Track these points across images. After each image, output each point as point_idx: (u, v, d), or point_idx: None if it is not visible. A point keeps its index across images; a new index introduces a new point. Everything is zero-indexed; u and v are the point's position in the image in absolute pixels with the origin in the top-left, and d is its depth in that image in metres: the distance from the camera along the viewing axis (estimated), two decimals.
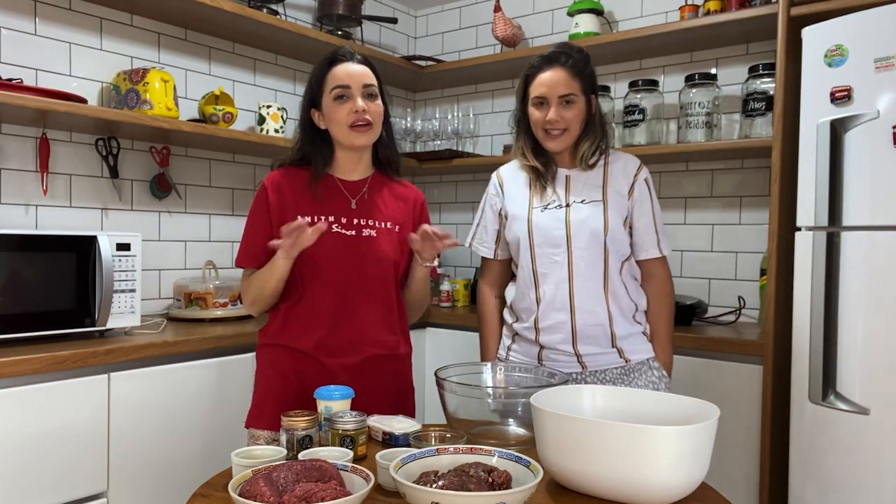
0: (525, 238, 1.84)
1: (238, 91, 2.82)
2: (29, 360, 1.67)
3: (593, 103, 1.84)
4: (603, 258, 1.78)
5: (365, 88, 1.67)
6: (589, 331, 1.79)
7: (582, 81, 1.78)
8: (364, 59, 1.72)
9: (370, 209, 1.74)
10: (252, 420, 1.73)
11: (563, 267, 1.79)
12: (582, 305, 1.78)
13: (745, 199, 2.69)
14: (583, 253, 1.78)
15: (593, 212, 1.79)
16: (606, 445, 1.14)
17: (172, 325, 2.26)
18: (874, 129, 1.83)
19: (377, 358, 1.72)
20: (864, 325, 1.84)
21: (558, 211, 1.82)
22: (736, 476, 2.19)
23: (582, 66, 1.79)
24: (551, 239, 1.80)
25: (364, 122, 1.67)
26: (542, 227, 1.82)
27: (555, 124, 1.78)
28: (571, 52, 1.80)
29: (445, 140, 3.39)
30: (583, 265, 1.78)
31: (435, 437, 1.41)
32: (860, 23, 1.87)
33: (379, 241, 1.72)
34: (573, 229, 1.79)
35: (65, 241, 1.92)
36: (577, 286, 1.78)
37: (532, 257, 1.83)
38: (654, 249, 1.85)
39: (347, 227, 1.70)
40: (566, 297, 1.79)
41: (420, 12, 3.66)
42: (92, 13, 2.36)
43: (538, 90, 1.79)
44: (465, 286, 3.15)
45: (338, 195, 1.73)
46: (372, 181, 1.78)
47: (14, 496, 1.67)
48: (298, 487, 1.05)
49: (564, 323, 1.79)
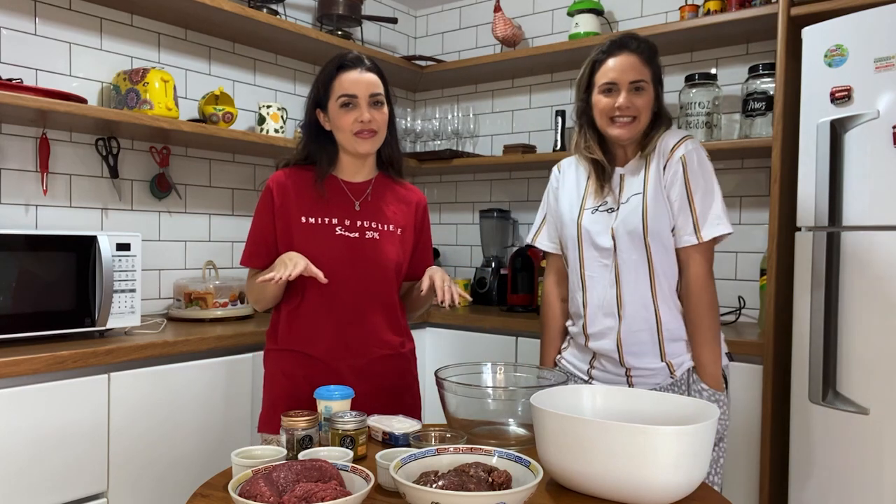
0: (574, 240, 1.78)
1: (238, 91, 2.82)
2: (29, 360, 1.67)
3: (661, 94, 1.76)
4: (646, 258, 1.69)
5: (372, 97, 1.68)
6: (635, 337, 1.71)
7: (652, 69, 1.71)
8: (372, 66, 1.71)
9: (373, 212, 1.75)
10: (264, 425, 1.74)
11: (610, 271, 1.72)
12: (629, 311, 1.71)
13: (745, 199, 2.69)
14: (627, 256, 1.70)
15: (633, 210, 1.70)
16: (606, 445, 1.14)
17: (172, 325, 2.26)
18: (874, 129, 1.83)
19: (384, 358, 1.74)
20: (864, 325, 1.84)
21: (609, 215, 1.74)
22: (736, 476, 2.19)
23: (652, 54, 1.72)
24: (598, 243, 1.73)
25: (369, 132, 1.68)
26: (589, 230, 1.75)
27: (625, 111, 1.67)
28: (641, 39, 1.73)
29: (445, 140, 3.39)
30: (629, 268, 1.70)
31: (435, 437, 1.41)
32: (860, 23, 1.87)
33: (382, 244, 1.73)
34: (617, 232, 1.71)
35: (65, 241, 1.92)
36: (625, 290, 1.71)
37: (580, 259, 1.77)
38: (690, 236, 1.67)
39: (351, 230, 1.71)
40: (613, 301, 1.72)
41: (420, 12, 3.66)
42: (92, 13, 2.36)
43: (607, 76, 1.70)
44: (465, 286, 3.15)
45: (342, 197, 1.74)
46: (375, 183, 1.79)
47: (14, 496, 1.67)
48: (298, 487, 1.05)
49: (612, 329, 1.73)
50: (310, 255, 1.64)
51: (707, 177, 1.69)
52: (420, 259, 1.85)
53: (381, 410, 1.66)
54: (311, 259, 1.63)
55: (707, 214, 1.67)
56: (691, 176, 1.68)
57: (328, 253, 1.67)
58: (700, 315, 1.69)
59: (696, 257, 1.69)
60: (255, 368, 2.18)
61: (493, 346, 2.68)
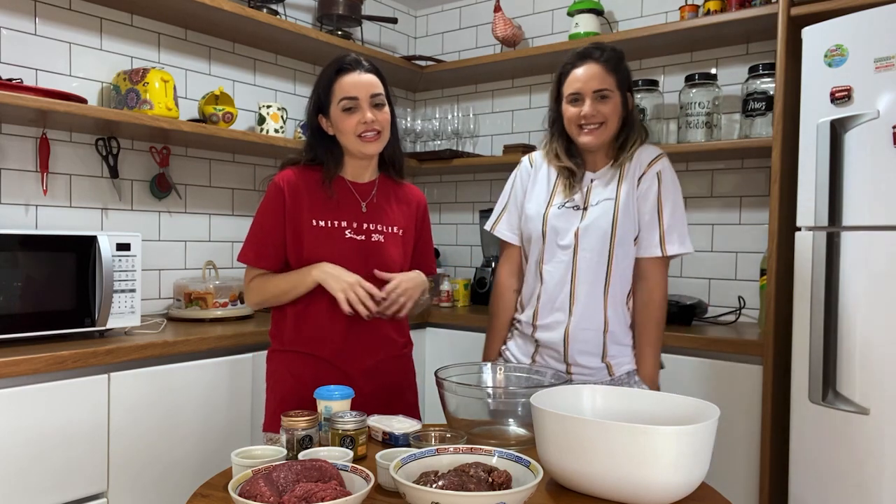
0: (538, 233, 1.83)
1: (238, 91, 2.82)
2: (29, 360, 1.67)
3: (630, 101, 1.80)
4: (607, 261, 1.76)
5: (373, 98, 1.68)
6: (582, 335, 1.77)
7: (617, 77, 1.76)
8: (371, 67, 1.72)
9: (378, 213, 1.76)
10: (270, 424, 1.75)
11: (568, 268, 1.78)
12: (580, 309, 1.77)
13: (745, 199, 2.69)
14: (589, 255, 1.76)
15: (604, 213, 1.76)
16: (606, 445, 1.14)
17: (172, 325, 2.26)
18: (874, 129, 1.83)
19: (390, 359, 1.77)
20: (864, 325, 1.84)
21: (574, 212, 1.80)
22: (736, 476, 2.19)
23: (616, 62, 1.77)
24: (561, 239, 1.79)
25: (373, 132, 1.68)
26: (554, 225, 1.80)
27: (590, 118, 1.74)
28: (605, 48, 1.79)
29: (445, 140, 3.39)
30: (586, 267, 1.76)
31: (435, 437, 1.41)
32: (860, 23, 1.87)
33: (386, 247, 1.74)
34: (582, 232, 1.77)
35: (65, 241, 1.92)
36: (580, 289, 1.77)
37: (541, 252, 1.82)
38: (655, 248, 1.76)
39: (358, 232, 1.71)
40: (567, 297, 1.78)
41: (420, 12, 3.66)
42: (92, 13, 2.36)
43: (573, 86, 1.76)
44: (465, 286, 3.15)
45: (349, 198, 1.74)
46: (379, 184, 1.80)
47: (14, 496, 1.67)
48: (298, 487, 1.05)
49: (561, 323, 1.78)
50: (319, 257, 1.66)
51: (677, 196, 1.79)
52: (421, 260, 1.86)
53: (385, 409, 1.67)
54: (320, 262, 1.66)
55: (673, 232, 1.76)
56: (664, 191, 1.77)
57: (338, 256, 1.68)
58: (653, 322, 1.78)
59: (657, 268, 1.78)
60: (255, 368, 2.18)
61: None
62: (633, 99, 1.83)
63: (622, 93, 1.77)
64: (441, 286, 3.08)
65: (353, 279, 1.63)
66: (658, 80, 2.76)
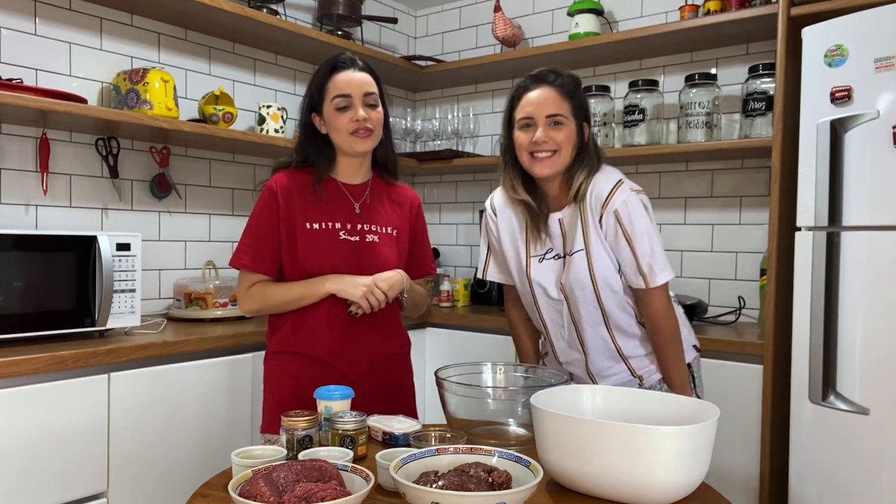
0: (526, 289, 1.79)
1: (238, 91, 2.82)
2: (29, 360, 1.67)
3: (586, 132, 1.70)
4: (597, 303, 1.71)
5: (366, 97, 1.68)
6: (602, 364, 1.78)
7: (572, 104, 1.67)
8: (365, 66, 1.72)
9: (372, 214, 1.76)
10: (268, 426, 1.75)
11: (566, 317, 1.77)
12: (592, 349, 1.77)
13: (745, 199, 2.69)
14: (582, 306, 1.72)
15: (579, 266, 1.69)
16: (606, 445, 1.14)
17: (172, 325, 2.26)
18: (874, 129, 1.83)
19: (386, 359, 1.78)
20: (864, 325, 1.84)
21: (555, 262, 1.74)
22: (736, 476, 2.19)
23: (572, 88, 1.68)
24: (550, 295, 1.75)
25: (365, 130, 1.67)
26: (540, 282, 1.75)
27: (542, 146, 1.64)
28: (561, 73, 1.69)
29: (445, 140, 3.39)
30: (584, 313, 1.73)
31: (435, 437, 1.41)
32: (860, 23, 1.87)
33: (381, 247, 1.74)
34: (567, 287, 1.72)
35: (65, 241, 1.92)
36: (585, 333, 1.76)
37: (536, 307, 1.80)
38: (640, 282, 1.66)
39: (352, 234, 1.71)
40: (575, 340, 1.78)
41: (420, 12, 3.65)
42: (92, 13, 2.36)
43: (524, 110, 1.66)
44: (465, 286, 3.15)
45: (342, 199, 1.74)
46: (372, 185, 1.79)
47: (14, 496, 1.67)
48: (298, 487, 1.05)
49: (580, 360, 1.80)
50: (314, 260, 1.66)
51: (643, 225, 1.64)
52: (418, 260, 1.86)
53: (383, 408, 1.68)
54: (315, 265, 1.66)
55: (653, 265, 1.65)
56: (629, 228, 1.63)
57: (333, 258, 1.68)
58: (666, 341, 1.71)
59: (652, 295, 1.68)
60: (255, 368, 2.18)
61: (493, 346, 2.68)
62: (590, 130, 1.73)
63: (578, 121, 1.68)
64: (441, 286, 3.09)
65: (368, 281, 1.65)
66: (658, 80, 2.76)
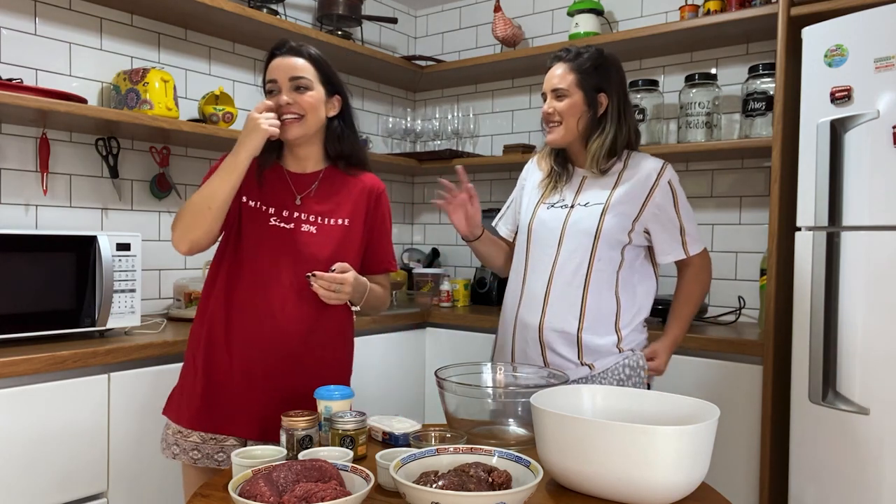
0: (524, 231, 1.89)
1: (238, 91, 2.82)
2: (29, 360, 1.67)
3: (602, 101, 1.79)
4: (588, 262, 1.77)
5: (292, 81, 1.63)
6: (554, 336, 1.77)
7: (578, 76, 1.78)
8: (300, 50, 1.66)
9: (316, 205, 1.70)
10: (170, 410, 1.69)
11: (548, 266, 1.81)
12: (553, 308, 1.78)
13: (744, 199, 2.69)
14: (570, 255, 1.78)
15: (590, 214, 1.78)
16: (606, 445, 1.14)
17: (172, 325, 2.26)
18: (874, 129, 1.83)
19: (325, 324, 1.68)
20: (864, 325, 1.84)
21: (561, 210, 1.84)
22: (736, 476, 2.19)
23: (583, 62, 1.78)
24: (546, 236, 1.83)
25: (290, 115, 1.63)
26: (541, 223, 1.86)
27: (548, 117, 1.81)
28: (579, 49, 1.82)
29: (445, 140, 3.39)
30: (566, 266, 1.78)
31: (435, 437, 1.41)
32: (860, 23, 1.87)
33: (318, 239, 1.67)
34: (567, 230, 1.80)
35: (65, 241, 1.92)
36: (554, 287, 1.78)
37: (527, 250, 1.87)
38: (679, 253, 1.82)
39: (287, 221, 1.67)
40: (542, 295, 1.80)
41: (420, 12, 3.66)
42: (92, 13, 2.36)
43: (544, 86, 1.84)
44: (465, 286, 3.15)
45: (282, 187, 1.70)
46: (324, 176, 1.73)
47: (14, 496, 1.67)
48: (298, 487, 1.05)
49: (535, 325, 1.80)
50: (248, 238, 1.65)
51: (686, 202, 1.84)
52: (375, 255, 1.78)
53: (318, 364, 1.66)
54: (246, 245, 1.64)
55: (694, 234, 1.84)
56: (680, 201, 1.82)
57: (261, 242, 1.65)
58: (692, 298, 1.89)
59: (695, 260, 1.86)
60: None
61: None
62: (611, 100, 1.79)
63: (585, 93, 1.78)
64: (441, 286, 3.09)
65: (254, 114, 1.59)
66: (658, 80, 2.76)
